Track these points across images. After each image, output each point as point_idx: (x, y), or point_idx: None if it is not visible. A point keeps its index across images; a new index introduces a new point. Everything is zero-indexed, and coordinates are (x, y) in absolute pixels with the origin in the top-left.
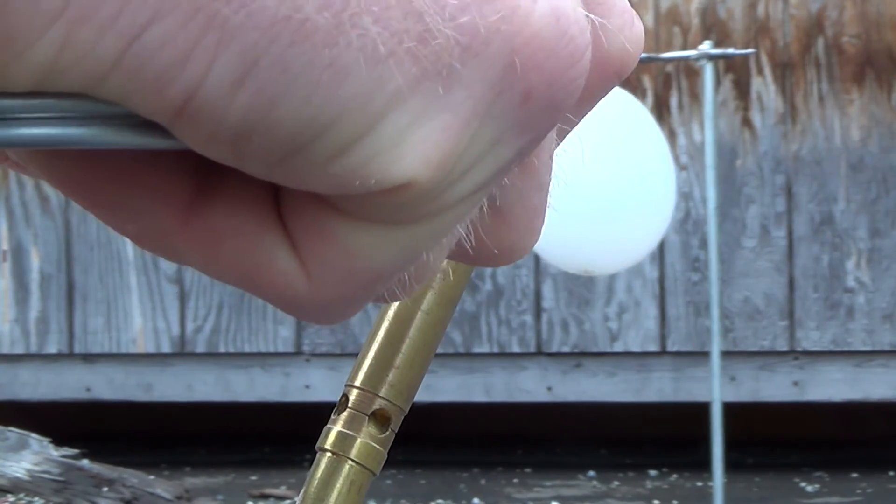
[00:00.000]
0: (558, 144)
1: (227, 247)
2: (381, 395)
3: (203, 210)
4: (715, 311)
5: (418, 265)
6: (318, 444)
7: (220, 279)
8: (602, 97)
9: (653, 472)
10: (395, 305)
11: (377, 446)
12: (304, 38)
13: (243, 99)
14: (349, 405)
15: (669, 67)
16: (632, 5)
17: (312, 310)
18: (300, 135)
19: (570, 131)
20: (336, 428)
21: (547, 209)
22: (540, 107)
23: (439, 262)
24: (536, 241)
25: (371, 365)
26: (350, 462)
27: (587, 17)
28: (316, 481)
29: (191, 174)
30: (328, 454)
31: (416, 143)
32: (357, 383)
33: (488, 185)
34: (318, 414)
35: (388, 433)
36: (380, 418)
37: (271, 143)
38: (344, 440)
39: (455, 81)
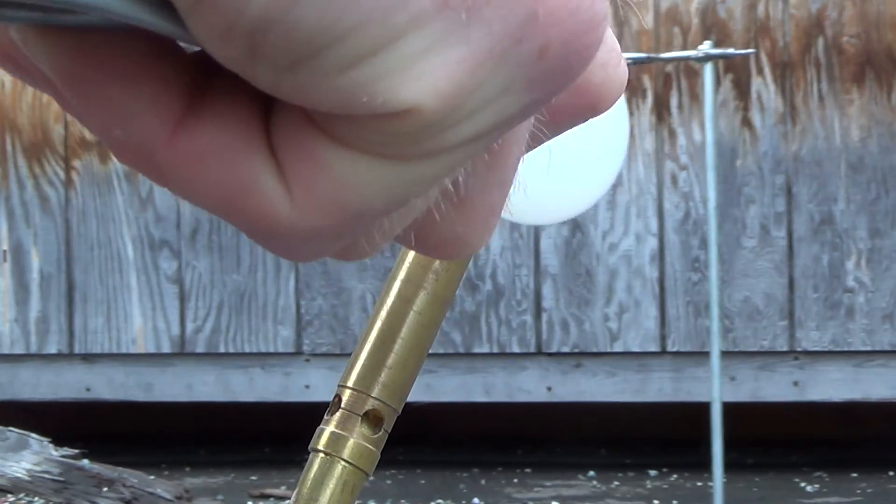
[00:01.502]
0: (527, 152)
1: (211, 165)
2: (373, 395)
3: (192, 126)
4: (715, 311)
5: (402, 211)
6: (311, 445)
7: (198, 202)
8: (572, 126)
9: (653, 472)
10: (387, 306)
11: (370, 446)
12: None
13: None
14: (342, 406)
15: (669, 67)
16: (632, 5)
17: (290, 239)
18: (317, 38)
19: (540, 143)
20: (329, 428)
21: (503, 209)
22: (553, 65)
23: (420, 210)
24: (488, 238)
25: (364, 365)
26: (343, 462)
27: None
28: (309, 481)
29: (187, 90)
30: (321, 454)
31: (429, 70)
32: (350, 384)
33: (487, 136)
34: (318, 414)
35: (380, 433)
36: (372, 418)
37: (286, 45)
38: (337, 441)
39: (478, 15)
